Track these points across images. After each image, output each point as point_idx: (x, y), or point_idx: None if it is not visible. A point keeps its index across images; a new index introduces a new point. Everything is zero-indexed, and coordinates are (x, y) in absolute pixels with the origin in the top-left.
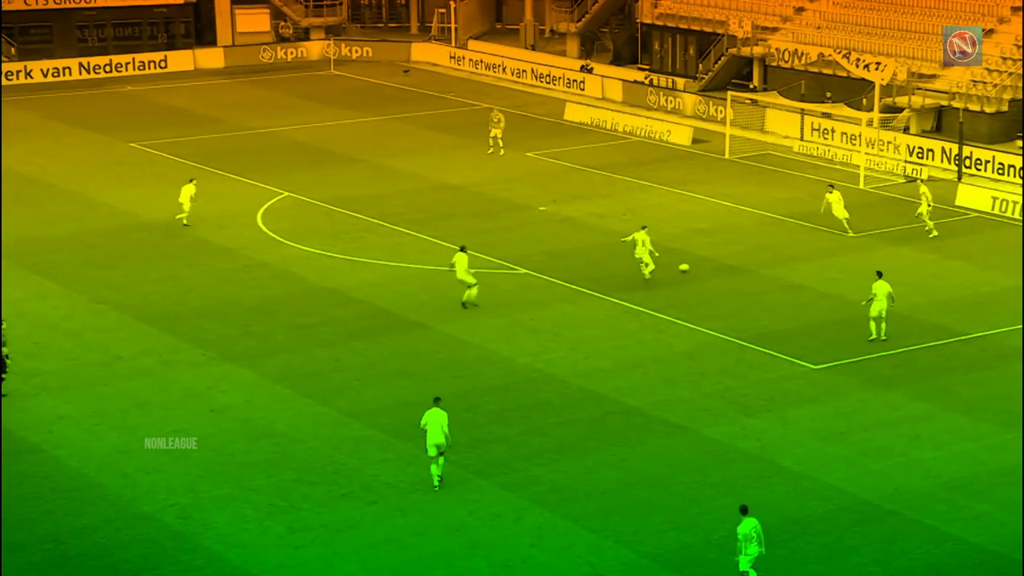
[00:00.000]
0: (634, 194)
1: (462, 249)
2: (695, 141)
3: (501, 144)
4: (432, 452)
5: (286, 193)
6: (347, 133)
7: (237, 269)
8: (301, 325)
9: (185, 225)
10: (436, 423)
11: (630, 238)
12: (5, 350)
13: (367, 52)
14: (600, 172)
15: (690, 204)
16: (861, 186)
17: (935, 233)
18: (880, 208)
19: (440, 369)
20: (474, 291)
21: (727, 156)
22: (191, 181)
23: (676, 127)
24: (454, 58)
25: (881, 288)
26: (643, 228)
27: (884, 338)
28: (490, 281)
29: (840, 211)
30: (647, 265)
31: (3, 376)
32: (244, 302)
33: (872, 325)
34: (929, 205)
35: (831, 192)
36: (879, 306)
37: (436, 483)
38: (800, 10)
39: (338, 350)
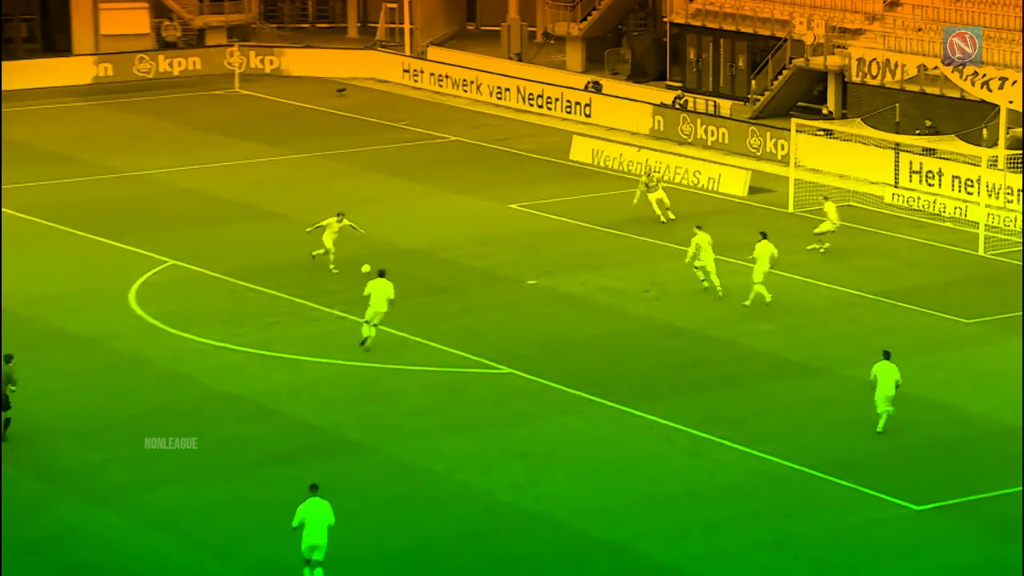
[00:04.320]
0: (662, 262)
1: (380, 274)
2: (752, 191)
3: (668, 205)
4: (308, 554)
5: (171, 261)
6: (258, 176)
7: (101, 369)
8: (191, 448)
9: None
10: (317, 520)
11: (693, 247)
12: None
13: (286, 63)
14: (614, 231)
15: (741, 277)
16: (980, 251)
17: (824, 247)
18: (1007, 283)
19: (389, 508)
20: (374, 332)
21: (791, 209)
22: (339, 217)
23: (723, 170)
24: (408, 71)
25: (885, 371)
26: (698, 228)
27: (880, 430)
28: (459, 384)
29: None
30: (706, 281)
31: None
32: (112, 415)
33: (881, 421)
34: (833, 224)
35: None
36: (885, 394)
37: None
38: (893, 5)
39: (244, 482)
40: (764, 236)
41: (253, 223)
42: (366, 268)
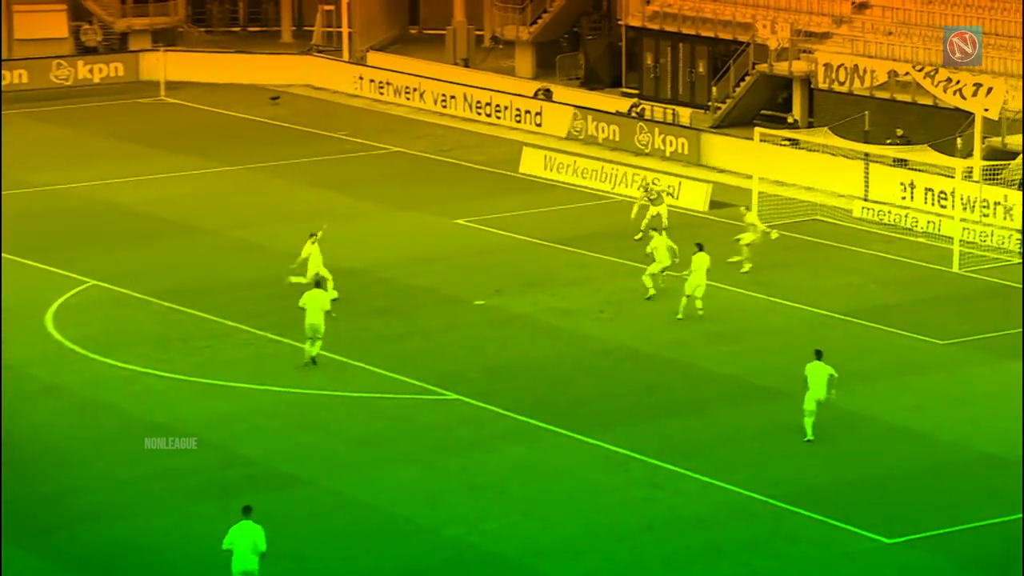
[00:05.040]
0: (617, 281)
1: (317, 284)
2: (713, 205)
3: (665, 225)
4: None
5: (91, 282)
6: (186, 191)
7: (15, 398)
8: (116, 482)
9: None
10: (246, 544)
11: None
12: None
13: (216, 69)
14: (567, 248)
15: (708, 298)
16: (954, 268)
17: (747, 267)
18: (983, 302)
19: (327, 545)
20: (318, 346)
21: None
22: (312, 238)
23: (683, 182)
24: (348, 78)
25: (817, 372)
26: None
27: (811, 437)
28: (402, 412)
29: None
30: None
31: None
32: (27, 447)
33: (807, 422)
34: (755, 235)
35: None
36: (815, 396)
37: None
38: (862, 7)
39: (170, 520)
40: (700, 248)
41: (180, 240)
42: (294, 279)
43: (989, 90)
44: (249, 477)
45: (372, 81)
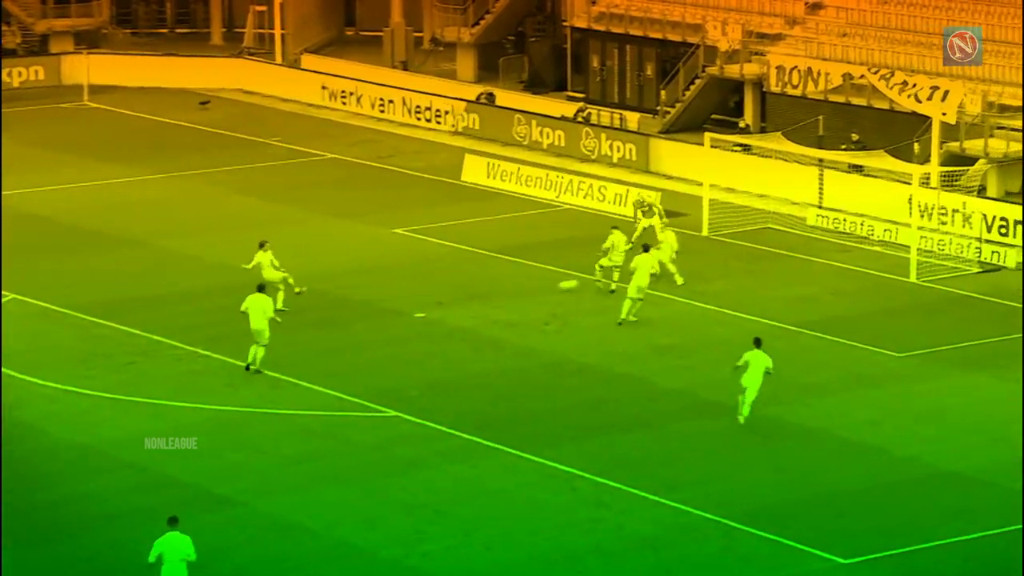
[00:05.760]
0: (563, 292)
1: (260, 289)
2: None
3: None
4: None
5: (11, 295)
6: (111, 200)
7: None
8: (36, 506)
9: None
10: (175, 556)
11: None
12: None
13: (143, 73)
14: (510, 258)
15: (650, 308)
16: (912, 278)
17: (613, 286)
18: (942, 313)
19: (262, 570)
20: (261, 353)
21: (705, 233)
22: (263, 246)
23: (631, 190)
24: (281, 82)
25: (756, 359)
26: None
27: (742, 421)
28: (338, 430)
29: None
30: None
31: None
32: None
33: (742, 400)
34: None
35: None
36: (753, 381)
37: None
38: (815, 8)
39: (94, 544)
40: (646, 249)
41: (106, 252)
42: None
43: (946, 93)
44: (178, 499)
45: (307, 85)
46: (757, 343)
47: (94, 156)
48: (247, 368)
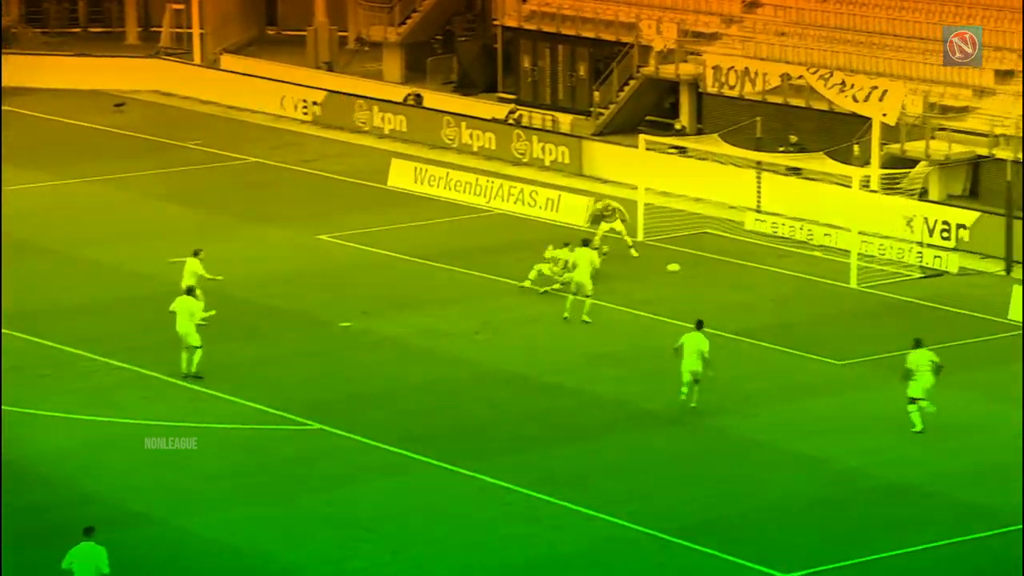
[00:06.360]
0: (494, 300)
1: (188, 291)
2: (594, 218)
3: (630, 243)
4: None
5: None
6: (22, 206)
7: None
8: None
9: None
10: (87, 566)
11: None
12: None
13: (54, 74)
14: (439, 265)
15: (594, 315)
16: (852, 284)
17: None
18: (883, 320)
19: None
20: (197, 357)
21: (640, 238)
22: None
23: (563, 194)
24: (199, 83)
25: (692, 342)
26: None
27: (694, 404)
28: (261, 444)
29: (583, 273)
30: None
31: None
32: None
33: (684, 387)
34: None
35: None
36: (687, 364)
37: None
38: (752, 6)
39: (7, 562)
40: (586, 244)
41: (16, 260)
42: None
43: (884, 93)
44: (93, 517)
45: (226, 86)
46: (699, 325)
47: (4, 161)
48: (185, 376)
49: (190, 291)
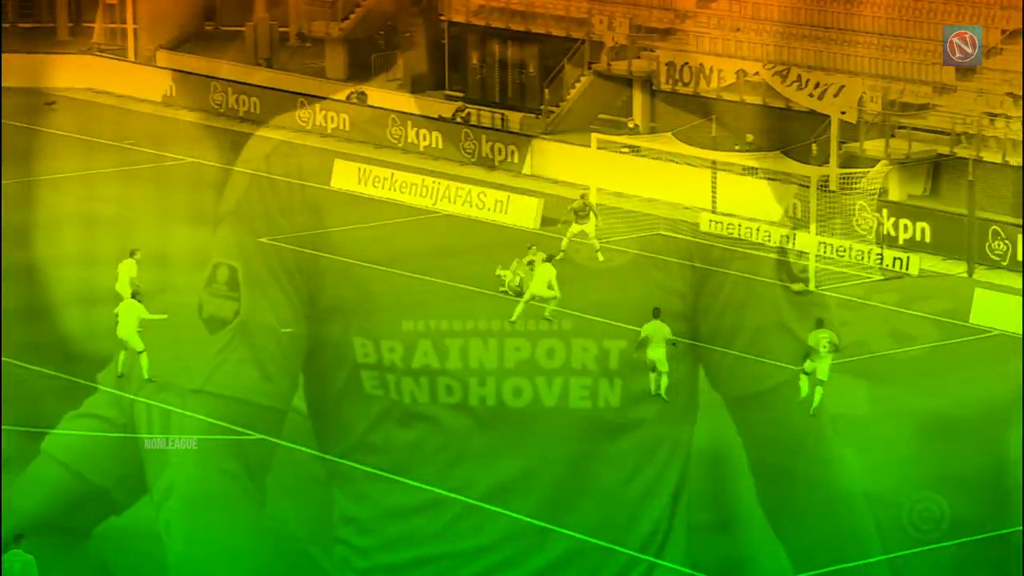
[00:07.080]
0: (446, 304)
1: (133, 296)
2: (546, 221)
3: (598, 247)
4: None
5: None
6: None
7: None
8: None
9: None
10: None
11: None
12: None
13: None
14: (384, 269)
15: (532, 321)
16: (811, 287)
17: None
18: (844, 325)
19: None
20: (145, 359)
21: (592, 239)
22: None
23: (512, 196)
24: (134, 81)
25: (655, 331)
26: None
27: (664, 396)
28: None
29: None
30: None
31: None
32: None
33: (654, 378)
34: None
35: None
36: (658, 353)
37: None
38: (707, 1)
39: None
40: (657, 314)
41: None
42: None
43: (841, 88)
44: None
45: (161, 84)
46: (656, 313)
47: None
48: (120, 376)
49: (134, 295)
